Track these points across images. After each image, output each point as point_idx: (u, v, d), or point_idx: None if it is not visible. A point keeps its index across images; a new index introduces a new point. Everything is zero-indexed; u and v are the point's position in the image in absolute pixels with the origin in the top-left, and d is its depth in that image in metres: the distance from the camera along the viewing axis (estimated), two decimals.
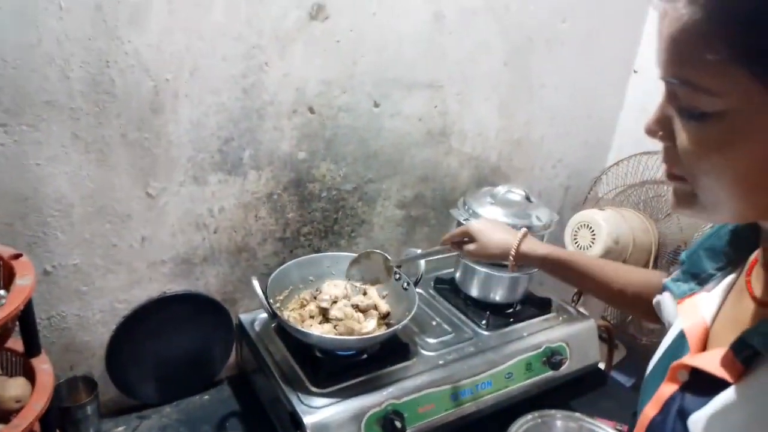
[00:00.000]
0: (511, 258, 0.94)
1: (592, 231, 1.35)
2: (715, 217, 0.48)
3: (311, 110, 1.15)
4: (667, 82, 0.45)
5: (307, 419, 0.93)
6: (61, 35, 0.87)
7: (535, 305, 1.32)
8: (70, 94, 0.92)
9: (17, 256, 0.85)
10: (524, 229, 0.97)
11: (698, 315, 0.58)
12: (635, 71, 1.64)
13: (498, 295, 1.28)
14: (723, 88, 0.40)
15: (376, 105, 1.22)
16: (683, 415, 0.52)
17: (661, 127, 0.47)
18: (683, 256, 0.67)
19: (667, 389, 0.55)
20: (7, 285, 0.81)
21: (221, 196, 1.12)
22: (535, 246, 0.95)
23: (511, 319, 1.26)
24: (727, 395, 0.48)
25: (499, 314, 1.27)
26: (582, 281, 0.92)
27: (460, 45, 1.27)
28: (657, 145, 0.49)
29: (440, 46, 1.24)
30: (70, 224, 0.99)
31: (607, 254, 1.33)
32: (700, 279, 0.62)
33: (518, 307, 1.31)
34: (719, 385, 0.49)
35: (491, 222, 1.03)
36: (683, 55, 0.42)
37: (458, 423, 1.08)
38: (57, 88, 0.90)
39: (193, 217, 1.11)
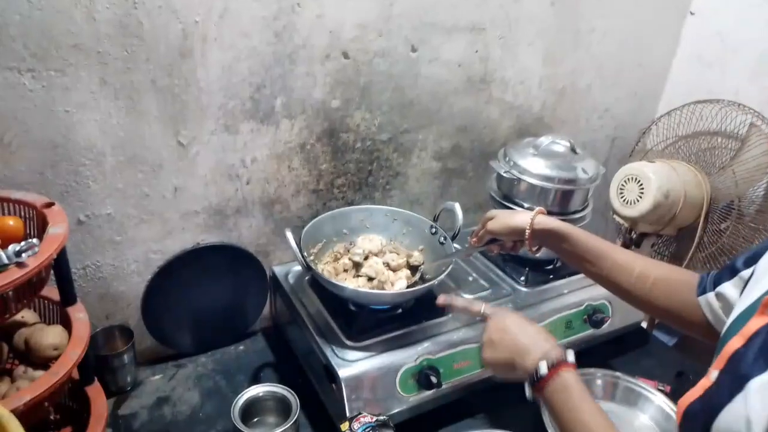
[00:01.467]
0: (527, 230, 0.89)
1: (640, 184, 1.28)
2: None
3: (345, 55, 1.10)
4: None
5: (342, 372, 0.92)
6: None
7: None
8: (98, 37, 0.88)
9: (50, 205, 0.84)
10: (539, 208, 0.92)
11: None
12: (692, 13, 1.52)
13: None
14: None
15: (414, 50, 1.16)
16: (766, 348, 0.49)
17: None
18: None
19: (756, 323, 0.53)
20: (41, 234, 0.80)
21: (253, 145, 1.09)
22: (548, 220, 0.90)
23: (551, 276, 1.21)
24: None
25: (539, 270, 1.23)
26: (599, 261, 0.85)
27: None
28: (711, 93, 0.43)
29: None
30: (102, 173, 0.98)
31: (657, 209, 1.26)
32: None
33: (558, 264, 1.26)
34: None
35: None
36: None
37: (493, 380, 1.06)
38: (84, 30, 0.87)
39: (225, 168, 1.08)
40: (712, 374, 0.55)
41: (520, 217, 0.91)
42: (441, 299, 0.89)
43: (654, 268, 0.81)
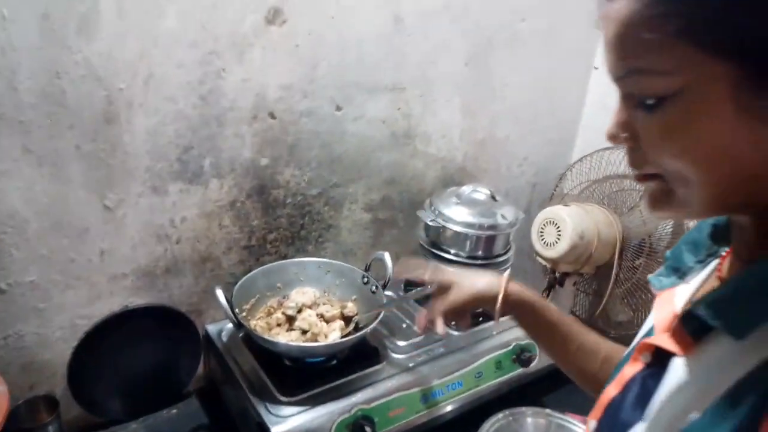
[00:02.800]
0: (499, 297, 0.82)
1: (558, 227, 1.36)
2: (691, 211, 0.47)
3: (272, 116, 1.14)
4: (619, 81, 0.46)
5: (275, 429, 0.92)
6: (7, 45, 0.85)
7: None
8: (19, 107, 0.89)
9: None
10: (507, 273, 0.87)
11: (671, 305, 0.58)
12: (596, 68, 1.66)
13: None
14: (672, 65, 0.41)
15: (338, 109, 1.22)
16: (643, 395, 0.52)
17: (623, 130, 0.48)
18: (668, 253, 0.68)
19: (630, 370, 0.56)
20: None
21: (182, 205, 1.10)
22: (521, 289, 0.84)
23: (480, 318, 1.26)
24: (678, 370, 0.49)
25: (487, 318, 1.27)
26: (566, 341, 0.80)
27: (420, 47, 1.27)
28: None
29: (400, 48, 1.24)
30: (25, 240, 0.96)
31: (574, 249, 1.35)
32: (680, 272, 0.61)
33: None
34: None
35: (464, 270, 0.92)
36: (629, 47, 0.43)
37: (429, 425, 1.08)
38: (5, 100, 0.87)
39: (154, 228, 1.09)
40: (590, 424, 0.57)
41: (485, 282, 0.84)
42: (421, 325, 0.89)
43: (617, 350, 0.77)
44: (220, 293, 1.02)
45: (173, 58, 0.99)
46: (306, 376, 1.03)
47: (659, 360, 0.52)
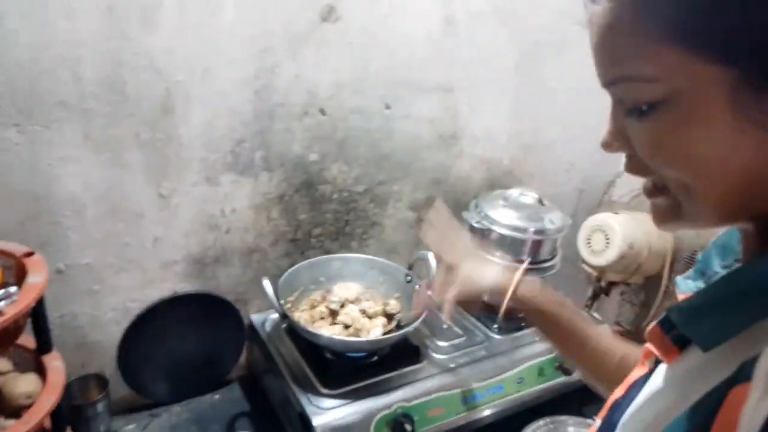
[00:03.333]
0: (505, 301, 0.78)
1: (606, 235, 1.33)
2: (696, 223, 0.45)
3: (322, 112, 1.15)
4: (610, 88, 0.44)
5: (316, 420, 0.93)
6: (73, 36, 0.89)
7: None
8: (82, 95, 0.93)
9: (29, 254, 0.86)
10: (525, 264, 0.83)
11: None
12: None
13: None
14: (660, 70, 0.38)
15: (387, 107, 1.22)
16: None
17: (616, 137, 0.46)
18: (699, 255, 0.66)
19: (636, 373, 0.54)
20: (20, 282, 0.81)
21: (233, 197, 1.13)
22: (535, 290, 0.80)
23: (523, 324, 1.24)
24: (658, 377, 0.47)
25: (511, 318, 1.25)
26: (583, 343, 0.76)
27: (469, 48, 1.26)
28: None
29: (450, 49, 1.24)
30: (83, 224, 1.00)
31: (622, 259, 1.31)
32: (706, 276, 0.59)
33: None
34: None
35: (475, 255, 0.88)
36: (615, 53, 0.41)
37: (469, 427, 1.07)
38: (69, 89, 0.91)
39: (206, 218, 1.11)
40: (597, 423, 0.56)
41: (493, 279, 0.81)
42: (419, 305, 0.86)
43: (634, 351, 0.74)
44: (267, 284, 1.03)
45: (229, 53, 1.01)
46: (347, 370, 1.04)
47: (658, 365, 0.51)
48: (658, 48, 0.38)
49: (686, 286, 0.61)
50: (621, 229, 1.32)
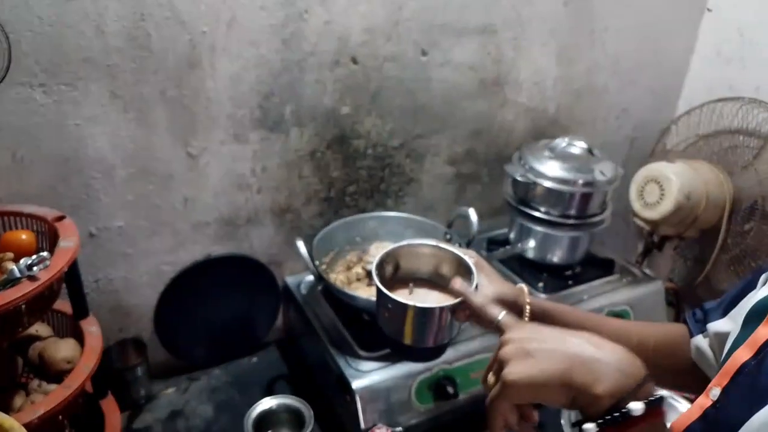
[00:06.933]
0: (527, 302, 0.71)
1: (661, 186, 1.24)
2: None
3: (354, 61, 1.08)
4: None
5: (356, 383, 0.90)
6: None
7: (596, 266, 1.24)
8: (106, 51, 0.89)
9: (61, 218, 0.84)
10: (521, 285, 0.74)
11: None
12: (709, 9, 1.48)
13: (556, 256, 1.20)
14: None
15: (424, 54, 1.14)
16: None
17: None
18: None
19: (765, 332, 0.49)
20: (52, 247, 0.80)
21: (263, 154, 1.08)
22: (538, 300, 0.75)
23: (570, 282, 1.18)
24: None
25: (557, 276, 1.20)
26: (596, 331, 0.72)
27: None
28: (732, 90, 0.40)
29: None
30: (113, 186, 0.98)
31: (678, 210, 1.23)
32: None
33: (577, 269, 1.23)
34: None
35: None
36: None
37: None
38: (93, 44, 0.87)
39: (236, 177, 1.07)
40: (712, 392, 0.51)
41: (508, 291, 0.72)
42: (457, 283, 0.70)
43: (651, 331, 0.72)
44: (301, 245, 1.00)
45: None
46: None
47: None
48: None
49: None
50: (677, 179, 1.23)
